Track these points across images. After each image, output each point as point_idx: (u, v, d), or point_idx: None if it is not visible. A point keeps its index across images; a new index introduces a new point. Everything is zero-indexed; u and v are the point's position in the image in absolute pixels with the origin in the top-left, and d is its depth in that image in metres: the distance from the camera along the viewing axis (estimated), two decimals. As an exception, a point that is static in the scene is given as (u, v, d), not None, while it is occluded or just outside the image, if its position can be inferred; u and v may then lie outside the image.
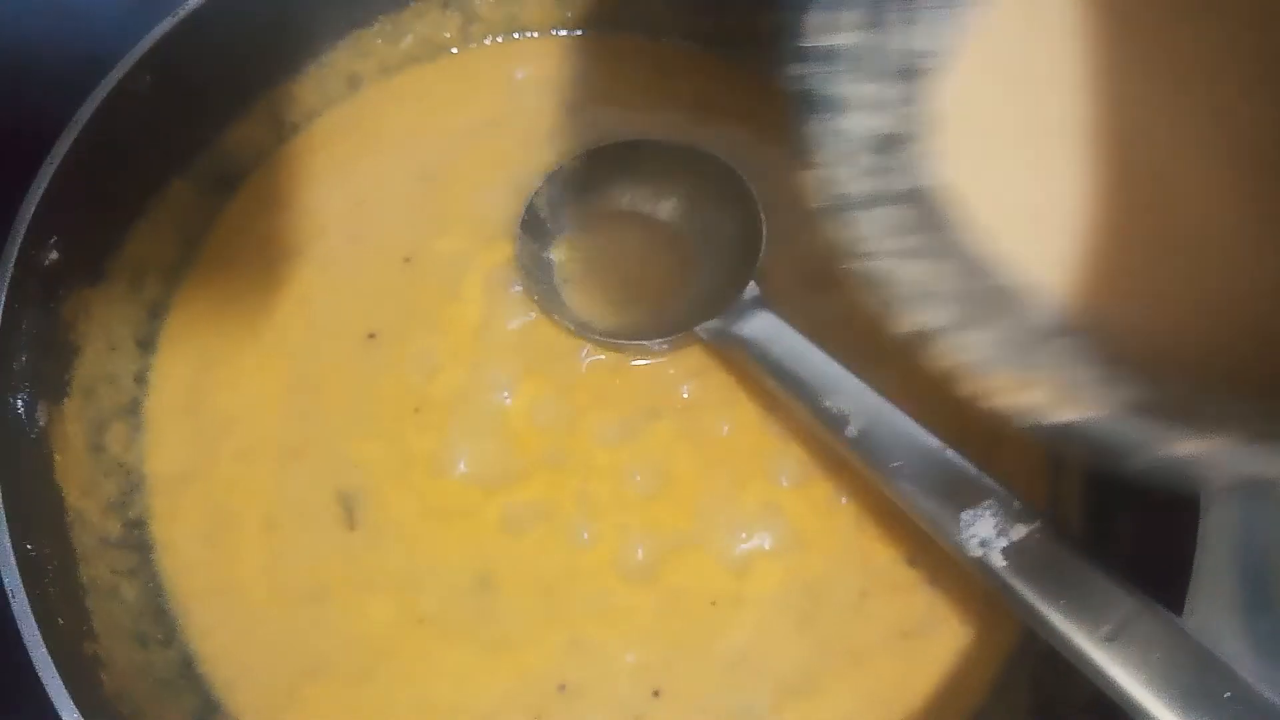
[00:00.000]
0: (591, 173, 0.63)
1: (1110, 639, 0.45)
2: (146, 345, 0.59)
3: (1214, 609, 0.48)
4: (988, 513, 0.50)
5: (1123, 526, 0.54)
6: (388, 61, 0.68)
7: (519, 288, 0.60)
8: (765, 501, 0.56)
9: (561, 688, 0.52)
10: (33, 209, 0.51)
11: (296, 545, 0.54)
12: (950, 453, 0.52)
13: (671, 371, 0.59)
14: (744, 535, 0.55)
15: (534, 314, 0.60)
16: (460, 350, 0.59)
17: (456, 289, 0.60)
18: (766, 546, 0.55)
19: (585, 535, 0.55)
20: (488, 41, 0.70)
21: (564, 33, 0.70)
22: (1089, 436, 0.37)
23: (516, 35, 0.70)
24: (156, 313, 0.59)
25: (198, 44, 0.58)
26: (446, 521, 0.55)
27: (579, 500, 0.56)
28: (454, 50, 0.69)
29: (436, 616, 0.53)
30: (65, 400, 0.54)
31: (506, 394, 0.58)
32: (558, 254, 0.63)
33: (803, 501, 0.56)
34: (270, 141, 0.65)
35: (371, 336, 0.59)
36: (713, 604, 0.54)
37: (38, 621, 0.44)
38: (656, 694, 0.52)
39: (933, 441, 0.52)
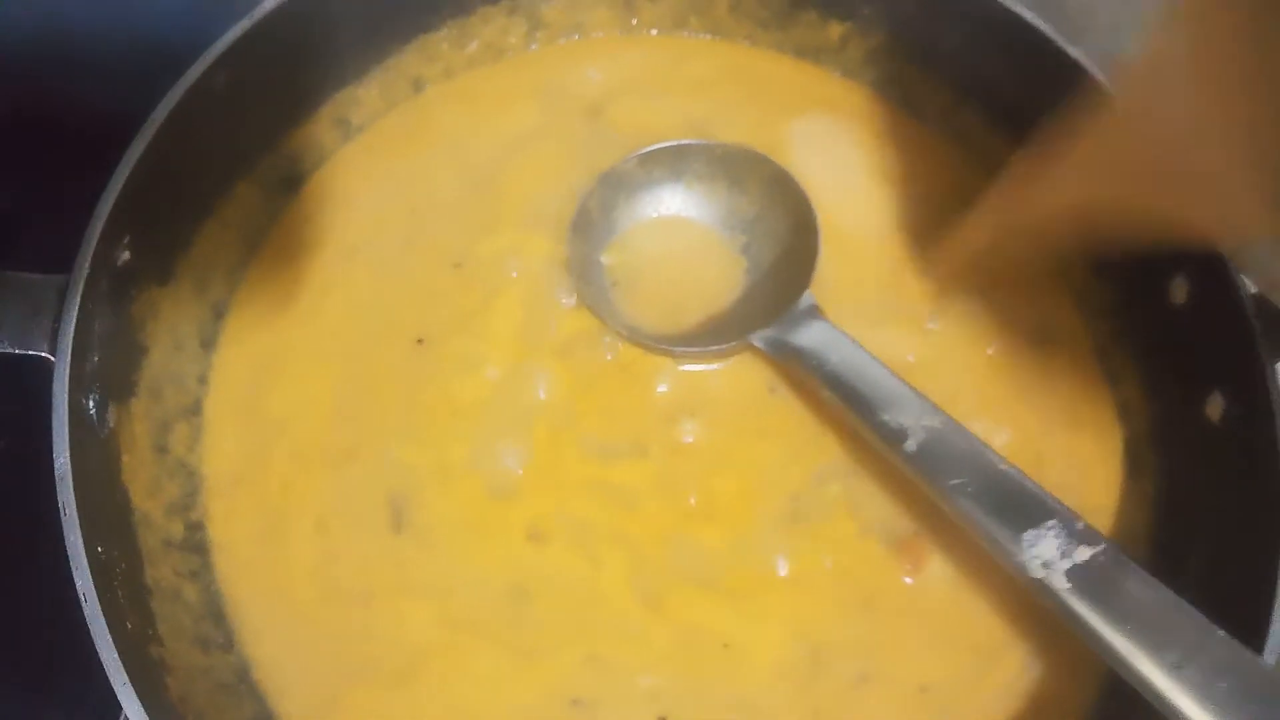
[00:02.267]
0: (644, 175, 0.63)
1: (1177, 666, 0.45)
2: (209, 345, 0.59)
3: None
4: (1051, 533, 0.49)
5: (1194, 564, 0.54)
6: (452, 66, 0.68)
7: (569, 298, 0.60)
8: (796, 550, 0.55)
9: (575, 702, 0.52)
10: (108, 208, 0.51)
11: (345, 547, 0.54)
12: (1013, 470, 0.51)
13: (722, 383, 0.59)
14: (769, 582, 0.55)
15: (582, 322, 0.60)
16: (505, 358, 0.59)
17: (504, 296, 0.60)
18: (787, 600, 0.54)
19: (615, 555, 0.55)
20: (539, 44, 0.70)
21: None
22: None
23: (578, 37, 0.70)
24: (220, 313, 0.60)
25: (271, 45, 0.58)
26: (486, 529, 0.55)
27: (614, 518, 0.55)
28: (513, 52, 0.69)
29: (473, 623, 0.53)
30: (133, 400, 0.54)
31: (550, 403, 0.58)
32: (609, 257, 0.63)
33: (828, 559, 0.55)
34: (333, 143, 0.65)
35: (420, 341, 0.59)
36: (725, 647, 0.53)
37: (109, 625, 0.44)
38: None
39: (994, 458, 0.52)
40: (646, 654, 0.53)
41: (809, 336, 0.57)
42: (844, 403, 0.55)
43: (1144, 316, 0.60)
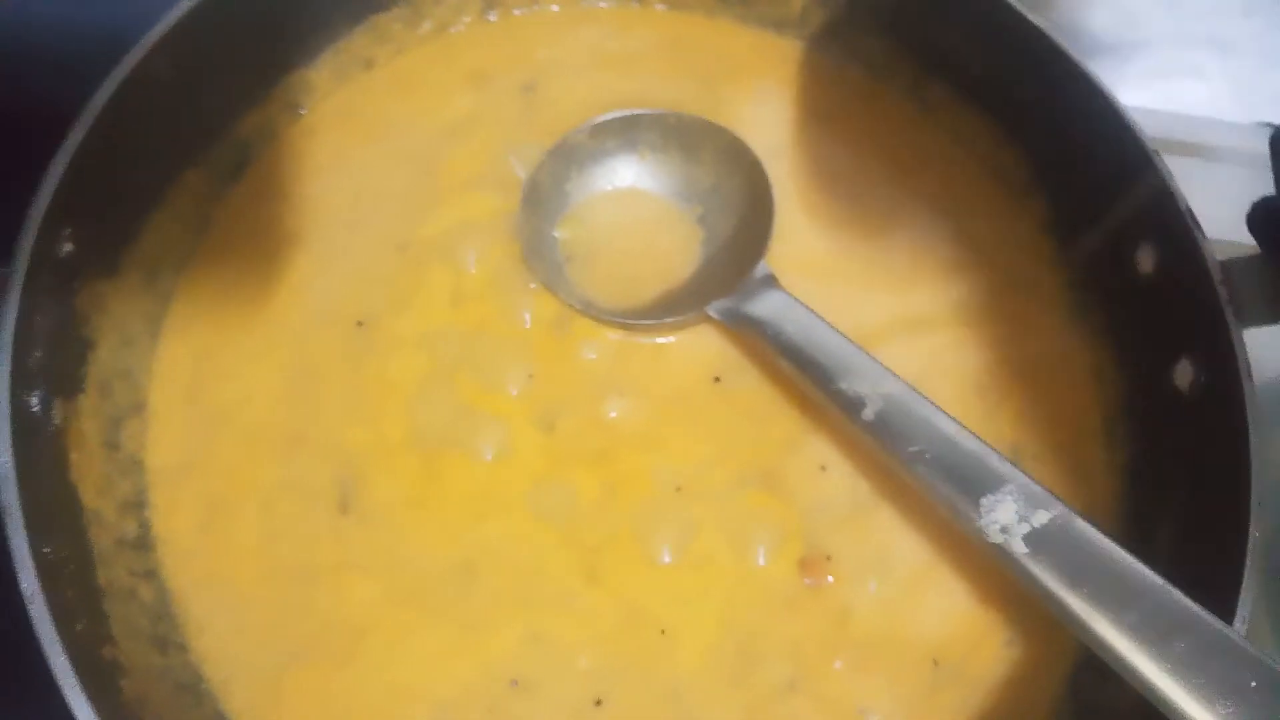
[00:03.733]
0: (596, 146, 0.62)
1: (1135, 626, 0.45)
2: (158, 338, 0.58)
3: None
4: (1009, 498, 0.49)
5: (1165, 535, 0.54)
6: (405, 46, 0.67)
7: (515, 275, 0.59)
8: (742, 542, 0.55)
9: (514, 683, 0.51)
10: (47, 198, 0.50)
11: (289, 529, 0.54)
12: (969, 436, 0.51)
13: (677, 356, 0.59)
14: (709, 573, 0.54)
15: (529, 298, 0.59)
16: (445, 336, 0.58)
17: (445, 276, 0.60)
18: (724, 594, 0.54)
19: (563, 529, 0.54)
20: (496, 18, 0.69)
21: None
22: None
23: (536, 9, 0.69)
24: (167, 304, 0.59)
25: (216, 28, 0.57)
26: (431, 508, 0.54)
27: (562, 497, 0.55)
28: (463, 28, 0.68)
29: (417, 600, 0.53)
30: (80, 396, 0.53)
31: (494, 381, 0.57)
32: (562, 231, 0.62)
33: (736, 559, 0.55)
34: (284, 128, 0.64)
35: (360, 324, 0.58)
36: (662, 633, 0.53)
37: (56, 626, 0.44)
38: (598, 703, 0.51)
39: (951, 425, 0.51)
40: (588, 633, 0.52)
41: (765, 306, 0.57)
42: (800, 372, 0.55)
43: (1112, 286, 0.59)
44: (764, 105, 0.66)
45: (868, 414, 0.52)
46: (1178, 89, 0.81)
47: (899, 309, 0.60)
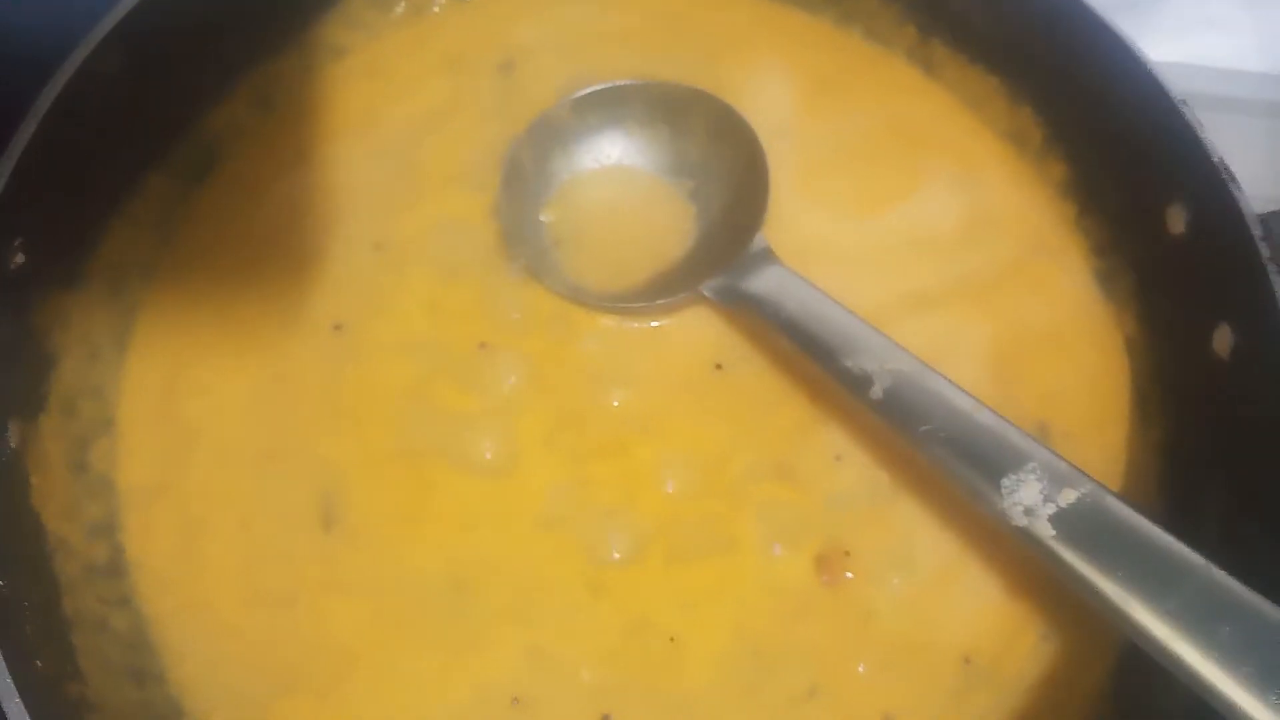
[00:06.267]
0: (579, 123, 0.60)
1: (1176, 612, 0.42)
2: (125, 351, 0.56)
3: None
4: (1032, 477, 0.46)
5: (1212, 516, 0.51)
6: (379, 31, 0.64)
7: (498, 266, 0.57)
8: (755, 539, 0.52)
9: (515, 701, 0.49)
10: (-11, 209, 0.48)
11: (269, 549, 0.51)
12: (986, 412, 0.48)
13: (674, 344, 0.56)
14: (720, 574, 0.52)
15: (514, 291, 0.56)
16: (433, 338, 0.56)
17: (426, 273, 0.57)
18: (737, 596, 0.51)
19: (562, 535, 0.52)
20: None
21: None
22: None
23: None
24: (134, 315, 0.56)
25: (173, 18, 0.54)
26: (421, 521, 0.52)
27: (563, 501, 0.53)
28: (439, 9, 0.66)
29: (408, 618, 0.50)
30: (41, 417, 0.51)
31: (484, 382, 0.55)
32: (549, 214, 0.59)
33: (753, 556, 0.52)
34: (252, 124, 0.61)
35: (337, 329, 0.56)
36: (671, 640, 0.50)
37: (10, 667, 0.41)
38: (606, 719, 0.49)
39: (967, 401, 0.49)
40: (592, 645, 0.50)
41: (762, 282, 0.54)
42: (803, 350, 0.52)
43: (1140, 250, 0.57)
44: (763, 79, 0.64)
45: (876, 392, 0.49)
46: (1201, 42, 0.77)
47: (910, 286, 0.58)
